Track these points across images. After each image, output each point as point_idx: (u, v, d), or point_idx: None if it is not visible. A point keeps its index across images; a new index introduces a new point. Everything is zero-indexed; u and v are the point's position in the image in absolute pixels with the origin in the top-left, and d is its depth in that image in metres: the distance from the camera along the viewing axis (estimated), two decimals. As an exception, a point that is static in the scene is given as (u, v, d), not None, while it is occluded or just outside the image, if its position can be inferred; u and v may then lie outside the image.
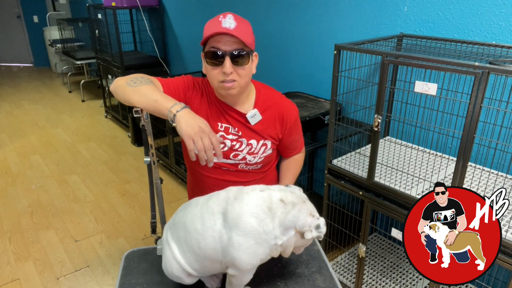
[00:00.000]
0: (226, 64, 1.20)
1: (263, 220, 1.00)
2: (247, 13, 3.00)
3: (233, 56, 1.20)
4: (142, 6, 4.07)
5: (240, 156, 1.38)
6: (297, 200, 1.05)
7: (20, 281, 2.26)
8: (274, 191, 1.05)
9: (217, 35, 1.20)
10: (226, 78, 1.22)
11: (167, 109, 1.09)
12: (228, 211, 1.02)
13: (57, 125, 4.75)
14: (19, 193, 3.21)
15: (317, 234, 1.04)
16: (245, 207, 1.01)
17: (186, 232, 1.08)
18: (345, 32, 2.29)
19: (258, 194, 1.04)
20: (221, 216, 1.03)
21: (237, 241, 1.00)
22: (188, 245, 1.07)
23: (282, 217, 1.01)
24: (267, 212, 1.00)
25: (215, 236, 1.02)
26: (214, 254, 1.03)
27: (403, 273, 2.06)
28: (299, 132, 1.52)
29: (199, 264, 1.08)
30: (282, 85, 2.86)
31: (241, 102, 1.36)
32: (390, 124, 2.11)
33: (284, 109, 1.41)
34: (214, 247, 1.03)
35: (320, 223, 1.05)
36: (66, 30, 5.91)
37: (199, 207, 1.09)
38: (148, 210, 2.91)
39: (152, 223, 1.37)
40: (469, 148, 1.32)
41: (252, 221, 0.99)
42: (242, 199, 1.03)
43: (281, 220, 1.01)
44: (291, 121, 1.43)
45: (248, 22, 1.27)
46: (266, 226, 1.00)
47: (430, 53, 1.72)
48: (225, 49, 1.20)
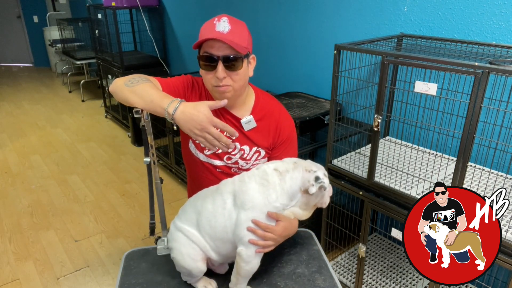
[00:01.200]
0: (219, 69, 1.20)
1: (265, 192, 1.08)
2: (247, 13, 3.00)
3: (226, 61, 1.19)
4: (142, 6, 4.07)
5: (233, 160, 1.38)
6: (289, 165, 1.11)
7: (20, 281, 2.26)
8: (267, 165, 1.13)
9: (210, 40, 1.19)
10: (219, 83, 1.22)
11: (164, 110, 1.09)
12: (236, 191, 1.11)
13: (57, 125, 4.74)
14: (19, 193, 3.21)
15: (318, 185, 1.06)
16: (248, 185, 1.09)
17: (197, 213, 1.15)
18: (345, 32, 2.29)
19: (254, 172, 1.13)
20: (230, 196, 1.12)
21: (246, 216, 1.07)
22: (200, 225, 1.14)
23: (282, 184, 1.08)
24: (267, 185, 1.08)
25: (225, 214, 1.10)
26: (224, 233, 1.10)
27: (403, 273, 2.06)
28: (292, 154, 1.41)
29: (212, 243, 1.13)
30: (282, 85, 2.86)
31: (237, 106, 1.35)
32: (390, 124, 2.11)
33: (279, 122, 1.38)
34: (224, 225, 1.10)
35: (318, 174, 1.07)
36: (66, 30, 5.91)
37: (209, 192, 1.18)
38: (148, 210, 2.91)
39: (151, 225, 1.37)
40: (469, 148, 1.32)
41: (256, 195, 1.08)
42: (243, 180, 1.12)
43: (283, 187, 1.08)
44: (283, 136, 1.38)
45: (244, 24, 1.26)
46: (269, 197, 1.07)
47: (430, 53, 1.72)
48: (218, 54, 1.19)
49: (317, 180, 1.07)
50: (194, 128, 1.05)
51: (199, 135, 1.05)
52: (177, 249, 1.16)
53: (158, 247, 1.33)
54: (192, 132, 1.05)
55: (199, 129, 1.04)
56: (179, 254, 1.15)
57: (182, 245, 1.15)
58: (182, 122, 1.06)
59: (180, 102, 1.08)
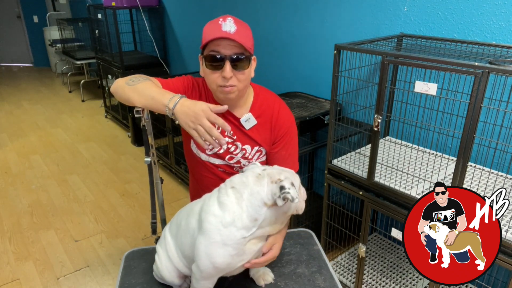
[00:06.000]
0: (226, 69, 1.19)
1: (220, 216, 0.97)
2: (247, 13, 3.00)
3: (233, 60, 1.19)
4: (142, 6, 4.07)
5: (234, 160, 1.38)
6: (250, 178, 1.00)
7: (20, 281, 2.26)
8: (226, 183, 1.04)
9: (217, 39, 1.19)
10: (225, 83, 1.22)
11: (165, 106, 1.09)
12: (202, 210, 1.04)
13: (57, 125, 4.74)
14: (19, 193, 3.21)
15: (283, 196, 0.94)
16: (206, 207, 1.02)
17: (177, 226, 1.14)
18: (345, 32, 2.29)
19: (215, 192, 1.05)
20: (197, 215, 1.05)
21: (199, 240, 1.00)
22: (177, 239, 1.13)
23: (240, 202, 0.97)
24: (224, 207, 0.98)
25: (191, 234, 1.05)
26: (190, 252, 1.05)
27: (403, 273, 2.06)
28: (291, 150, 1.40)
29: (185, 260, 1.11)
30: (282, 85, 2.86)
31: (238, 106, 1.35)
32: (390, 124, 2.11)
33: (278, 115, 1.37)
34: (190, 244, 1.05)
35: (283, 183, 0.95)
36: (66, 30, 5.91)
37: (193, 204, 1.13)
38: (148, 210, 2.91)
39: (152, 224, 1.37)
40: (469, 148, 1.32)
41: (210, 219, 0.98)
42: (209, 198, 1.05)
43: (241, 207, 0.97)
44: (281, 130, 1.37)
45: (247, 25, 1.26)
46: (224, 220, 0.96)
47: (430, 53, 1.72)
48: (225, 53, 1.19)
49: (281, 190, 0.94)
50: (188, 119, 1.04)
51: (192, 127, 1.04)
52: (159, 257, 1.18)
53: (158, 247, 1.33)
54: (187, 124, 1.05)
55: (193, 120, 1.04)
56: (159, 262, 1.17)
57: (163, 256, 1.16)
58: (180, 114, 1.06)
59: (181, 97, 1.09)
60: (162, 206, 1.41)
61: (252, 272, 1.20)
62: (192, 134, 1.05)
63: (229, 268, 1.02)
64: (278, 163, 1.36)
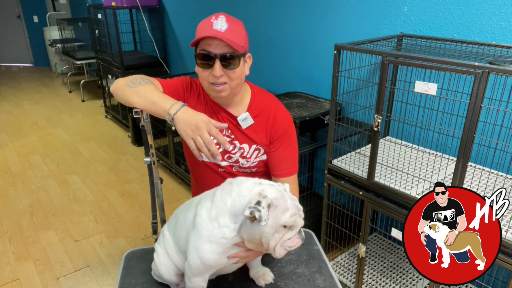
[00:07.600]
0: (216, 67, 1.19)
1: (209, 209, 0.99)
2: (247, 12, 3.00)
3: (223, 59, 1.19)
4: (142, 6, 4.07)
5: (233, 159, 1.38)
6: (250, 182, 0.99)
7: (20, 281, 2.26)
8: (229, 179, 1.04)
9: (208, 38, 1.19)
10: (216, 81, 1.22)
11: (165, 111, 1.09)
12: (199, 203, 1.05)
13: (57, 125, 4.74)
14: (19, 193, 3.21)
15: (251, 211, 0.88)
16: (203, 201, 1.04)
17: (175, 221, 1.14)
18: (345, 32, 2.29)
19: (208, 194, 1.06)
20: (195, 208, 1.06)
21: (191, 234, 1.01)
22: (175, 235, 1.13)
23: (227, 199, 0.97)
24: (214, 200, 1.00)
25: (187, 227, 1.05)
26: (186, 246, 1.05)
27: (403, 273, 2.06)
28: (289, 151, 1.38)
29: (182, 255, 1.11)
30: (282, 85, 2.86)
31: (234, 105, 1.35)
32: (390, 124, 2.11)
33: (275, 117, 1.36)
34: (186, 238, 1.05)
35: (263, 200, 0.89)
36: (66, 30, 5.91)
37: (189, 201, 1.15)
38: (148, 210, 2.91)
39: (153, 224, 1.37)
40: (469, 148, 1.32)
41: (202, 212, 1.00)
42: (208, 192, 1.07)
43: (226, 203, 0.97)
44: (278, 131, 1.36)
45: (241, 23, 1.26)
46: (210, 214, 0.98)
47: (430, 53, 1.72)
48: (215, 52, 1.19)
49: (255, 204, 0.89)
50: (188, 128, 1.05)
51: (190, 136, 1.05)
52: (157, 254, 1.18)
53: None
54: (186, 132, 1.05)
55: (193, 129, 1.04)
56: (157, 260, 1.17)
57: (162, 253, 1.17)
58: (181, 121, 1.06)
59: (183, 105, 1.10)
60: (162, 206, 1.41)
61: (252, 272, 1.21)
62: (189, 143, 1.06)
63: (218, 265, 1.02)
64: (277, 163, 1.38)
